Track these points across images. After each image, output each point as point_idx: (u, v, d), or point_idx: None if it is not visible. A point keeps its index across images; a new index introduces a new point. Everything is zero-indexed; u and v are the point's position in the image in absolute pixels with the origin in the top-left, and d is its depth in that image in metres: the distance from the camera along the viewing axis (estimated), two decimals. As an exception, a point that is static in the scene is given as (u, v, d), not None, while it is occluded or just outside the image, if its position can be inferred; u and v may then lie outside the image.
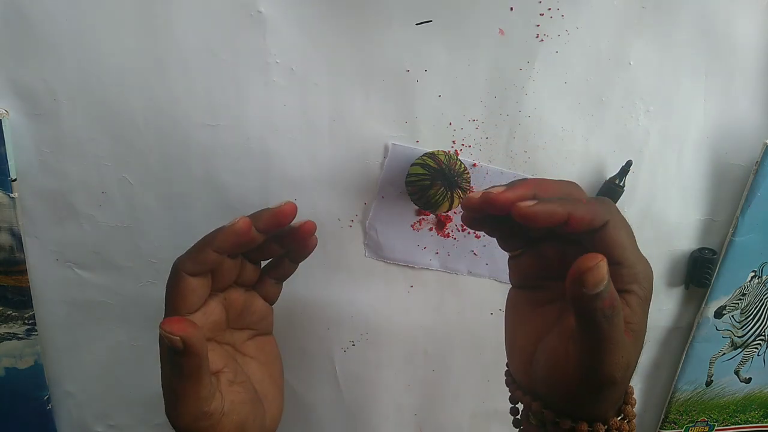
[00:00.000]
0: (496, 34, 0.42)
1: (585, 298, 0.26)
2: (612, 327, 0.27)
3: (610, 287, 0.27)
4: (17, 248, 0.43)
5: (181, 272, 0.35)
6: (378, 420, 0.56)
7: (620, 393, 0.31)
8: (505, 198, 0.30)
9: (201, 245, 0.35)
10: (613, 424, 0.32)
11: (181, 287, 0.35)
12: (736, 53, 0.46)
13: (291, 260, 0.40)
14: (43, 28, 0.37)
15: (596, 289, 0.26)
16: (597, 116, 0.46)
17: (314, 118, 0.43)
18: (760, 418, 0.62)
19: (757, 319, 0.56)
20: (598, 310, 0.27)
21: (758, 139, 0.48)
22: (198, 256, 0.34)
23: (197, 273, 0.35)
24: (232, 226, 0.34)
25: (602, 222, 0.29)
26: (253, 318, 0.40)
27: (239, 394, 0.37)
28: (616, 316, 0.27)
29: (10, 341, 0.46)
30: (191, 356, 0.32)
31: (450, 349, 0.54)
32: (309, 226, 0.38)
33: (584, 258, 0.26)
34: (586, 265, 0.26)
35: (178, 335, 0.31)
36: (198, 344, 0.32)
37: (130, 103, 0.40)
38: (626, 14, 0.43)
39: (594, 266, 0.26)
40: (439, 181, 0.42)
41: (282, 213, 0.35)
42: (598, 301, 0.26)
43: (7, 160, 0.40)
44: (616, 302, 0.27)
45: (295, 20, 0.40)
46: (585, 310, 0.27)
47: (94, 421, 0.52)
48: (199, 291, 0.35)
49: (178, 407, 0.33)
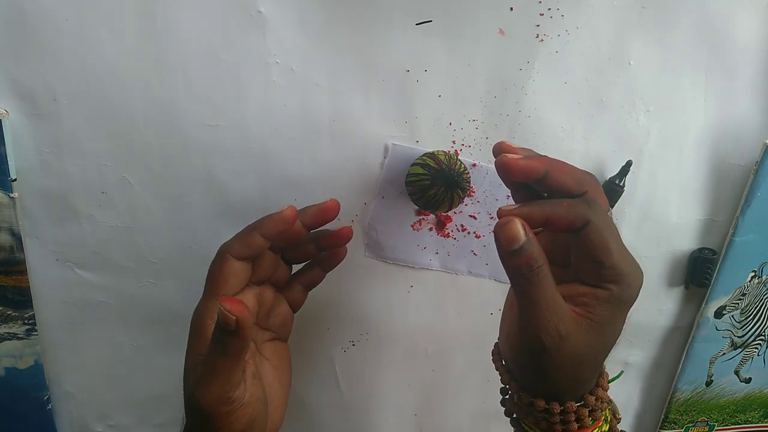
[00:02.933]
0: (496, 34, 0.42)
1: (503, 254, 0.30)
2: (530, 286, 0.30)
3: (529, 248, 0.29)
4: (17, 248, 0.43)
5: (226, 254, 0.37)
6: (378, 420, 0.56)
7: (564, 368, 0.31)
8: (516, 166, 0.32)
9: (249, 229, 0.37)
10: (570, 407, 0.32)
11: (225, 268, 0.36)
12: (736, 53, 0.46)
13: (321, 268, 0.43)
14: (43, 28, 0.37)
15: (510, 247, 0.29)
16: (597, 116, 0.46)
17: (314, 118, 0.43)
18: (760, 418, 0.62)
19: (757, 319, 0.56)
20: (514, 267, 0.30)
21: (758, 139, 0.48)
22: (245, 239, 0.36)
23: (242, 256, 0.37)
24: (281, 213, 0.37)
25: (582, 223, 0.31)
26: (276, 321, 0.41)
27: (258, 389, 0.37)
28: (536, 276, 0.30)
29: (10, 341, 0.46)
30: (239, 338, 0.32)
31: (450, 349, 0.54)
32: (347, 231, 0.41)
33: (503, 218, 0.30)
34: (500, 223, 0.29)
35: (235, 315, 0.31)
36: (248, 327, 0.32)
37: (130, 103, 0.40)
38: (626, 14, 0.43)
39: (505, 224, 0.29)
40: (439, 181, 0.42)
41: (327, 208, 0.39)
42: (514, 258, 0.29)
43: (7, 160, 0.40)
44: (534, 263, 0.29)
45: (295, 20, 0.40)
46: (507, 268, 0.30)
47: (94, 421, 0.52)
48: (241, 275, 0.37)
49: (208, 385, 0.33)
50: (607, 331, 0.32)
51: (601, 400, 0.33)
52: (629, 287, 0.31)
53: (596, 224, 0.31)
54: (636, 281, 0.32)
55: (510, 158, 0.32)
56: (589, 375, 0.32)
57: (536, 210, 0.31)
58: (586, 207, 0.31)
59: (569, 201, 0.31)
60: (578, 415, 0.32)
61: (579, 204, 0.31)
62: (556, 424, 0.33)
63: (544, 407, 0.32)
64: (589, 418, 0.33)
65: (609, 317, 0.31)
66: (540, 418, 0.33)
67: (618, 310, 0.31)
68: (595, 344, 0.31)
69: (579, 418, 0.32)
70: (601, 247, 0.31)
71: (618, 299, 0.31)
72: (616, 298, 0.31)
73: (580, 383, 0.32)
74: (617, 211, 0.49)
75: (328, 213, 0.39)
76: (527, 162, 0.32)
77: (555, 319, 0.30)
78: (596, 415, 0.33)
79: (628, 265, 0.31)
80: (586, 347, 0.31)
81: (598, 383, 0.33)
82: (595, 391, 0.33)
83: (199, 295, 0.47)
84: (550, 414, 0.32)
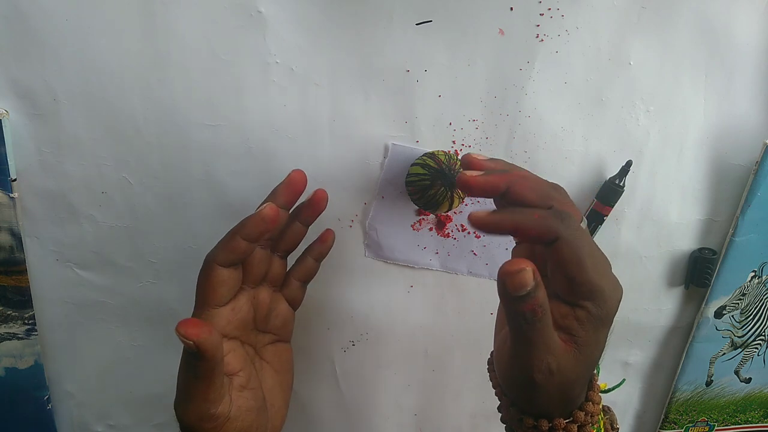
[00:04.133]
0: (496, 34, 0.42)
1: (508, 298, 0.28)
2: (532, 330, 0.29)
3: (536, 294, 0.28)
4: (17, 248, 0.43)
5: (212, 263, 0.35)
6: (378, 420, 0.56)
7: (551, 395, 0.31)
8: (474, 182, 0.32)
9: (231, 234, 0.35)
10: (558, 425, 0.32)
11: (211, 278, 0.35)
12: (736, 53, 0.46)
13: (313, 258, 0.42)
14: (43, 28, 0.37)
15: (517, 293, 0.28)
16: (597, 116, 0.46)
17: (314, 118, 0.43)
18: (760, 418, 0.62)
19: (757, 319, 0.56)
20: (518, 312, 0.29)
21: (758, 139, 0.48)
22: (228, 245, 0.35)
23: (228, 263, 0.35)
24: (259, 213, 0.35)
25: (551, 238, 0.30)
26: (276, 322, 0.41)
27: (248, 400, 0.37)
28: (539, 322, 0.29)
29: (10, 341, 0.46)
30: (204, 360, 0.32)
31: (450, 349, 0.54)
32: (320, 193, 0.40)
33: (511, 262, 0.28)
34: (509, 269, 0.28)
35: (192, 340, 0.31)
36: (212, 349, 0.32)
37: (130, 103, 0.40)
38: (626, 14, 0.43)
39: (516, 271, 0.28)
40: (439, 181, 0.42)
41: (293, 181, 0.37)
42: (519, 303, 0.28)
43: (7, 160, 0.40)
44: (539, 309, 0.29)
45: (295, 20, 0.40)
46: (508, 309, 0.29)
47: (94, 421, 0.52)
48: (230, 283, 0.36)
49: (186, 404, 0.34)
50: (592, 353, 0.31)
51: (591, 414, 0.33)
52: (605, 303, 0.30)
53: (567, 239, 0.30)
54: (612, 297, 0.31)
55: (469, 175, 0.32)
56: (577, 394, 0.32)
57: (506, 218, 0.30)
58: (557, 221, 0.30)
59: (541, 212, 0.31)
60: (566, 430, 0.32)
61: (550, 216, 0.30)
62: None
63: (532, 424, 0.32)
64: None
65: (592, 338, 0.31)
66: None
67: (598, 329, 0.31)
68: (582, 368, 0.31)
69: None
70: (573, 263, 0.30)
71: (596, 317, 0.30)
72: (594, 317, 0.30)
73: (567, 402, 0.32)
74: (617, 211, 0.49)
75: (295, 185, 0.37)
76: (486, 179, 0.32)
77: (548, 357, 0.30)
78: (586, 429, 0.33)
79: (603, 280, 0.31)
80: (574, 373, 0.31)
81: (588, 397, 0.33)
82: (585, 405, 0.33)
83: (199, 295, 0.47)
84: (538, 430, 0.32)
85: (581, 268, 0.30)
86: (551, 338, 0.30)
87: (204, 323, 0.32)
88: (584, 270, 0.30)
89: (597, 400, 0.33)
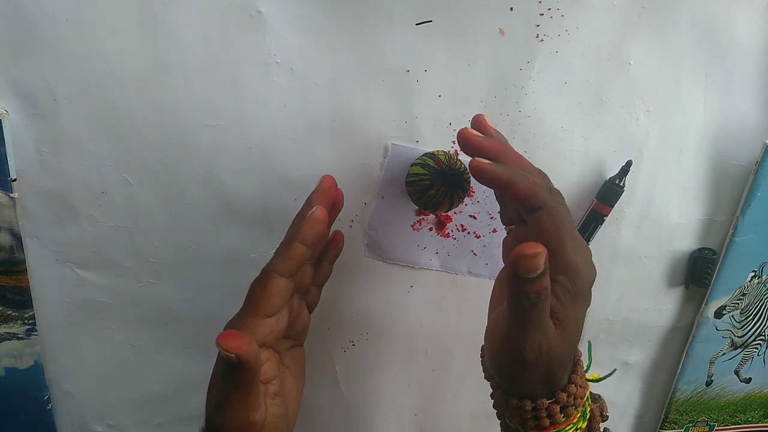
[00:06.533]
0: (496, 34, 0.42)
1: (517, 279, 0.29)
2: (533, 309, 0.30)
3: (543, 277, 0.29)
4: (17, 248, 0.43)
5: (271, 272, 0.35)
6: (378, 420, 0.56)
7: (537, 374, 0.32)
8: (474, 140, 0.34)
9: (288, 242, 0.35)
10: (541, 404, 0.33)
11: (269, 287, 0.35)
12: (736, 53, 0.46)
13: (328, 261, 0.42)
14: (43, 28, 0.37)
15: (528, 275, 0.29)
16: (597, 116, 0.46)
17: (314, 118, 0.43)
18: (760, 418, 0.62)
19: (757, 319, 0.56)
20: (524, 293, 0.29)
21: (758, 139, 0.48)
22: (288, 252, 0.35)
23: (288, 271, 0.35)
24: (313, 216, 0.35)
25: (538, 204, 0.32)
26: (298, 328, 0.41)
27: (279, 407, 0.37)
28: (541, 303, 0.30)
29: (10, 341, 0.46)
30: (245, 370, 0.32)
31: (450, 349, 0.54)
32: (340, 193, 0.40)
33: (527, 245, 0.29)
34: (525, 252, 0.29)
35: (234, 353, 0.31)
36: (252, 360, 0.32)
37: (130, 103, 0.40)
38: (626, 14, 0.43)
39: (532, 255, 0.28)
40: (439, 181, 0.42)
41: (325, 188, 0.37)
42: (527, 284, 0.29)
43: (7, 160, 0.40)
44: (543, 291, 0.29)
45: (295, 20, 0.40)
46: (514, 289, 0.30)
47: (94, 421, 0.52)
48: (285, 294, 0.36)
49: (224, 414, 0.34)
50: (573, 330, 0.32)
51: (574, 396, 0.33)
52: (578, 278, 0.32)
53: (551, 210, 0.32)
54: (586, 275, 0.32)
55: (472, 132, 0.35)
56: (559, 375, 0.33)
57: (504, 171, 0.32)
58: (545, 192, 0.32)
59: (535, 180, 0.33)
60: (549, 412, 0.33)
61: (541, 186, 0.33)
62: (528, 420, 0.34)
63: (516, 404, 0.33)
64: (560, 415, 0.33)
65: (571, 315, 0.32)
66: (514, 414, 0.34)
67: (576, 304, 0.32)
68: (566, 347, 0.32)
69: (550, 414, 0.33)
70: (553, 234, 0.31)
71: (571, 292, 0.32)
72: (569, 291, 0.32)
73: (550, 383, 0.33)
74: (617, 211, 0.49)
75: (329, 191, 0.38)
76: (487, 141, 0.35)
77: (540, 337, 0.31)
78: (569, 411, 0.33)
79: (578, 258, 0.32)
80: (560, 353, 0.32)
81: (571, 379, 0.34)
82: (567, 387, 0.33)
83: (199, 294, 0.47)
84: (522, 411, 0.33)
85: (560, 241, 0.32)
86: (546, 320, 0.31)
87: (244, 335, 0.32)
88: (562, 243, 0.32)
89: (580, 383, 0.34)
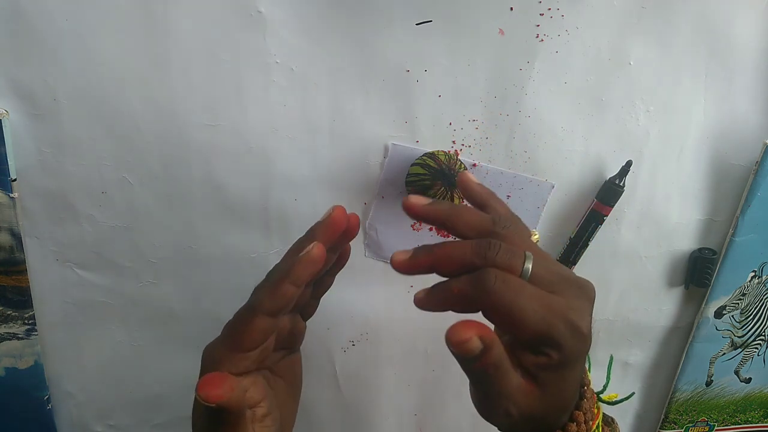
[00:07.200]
0: (496, 34, 0.42)
1: (458, 359, 0.28)
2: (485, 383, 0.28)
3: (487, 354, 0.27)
4: (17, 248, 0.43)
5: (256, 311, 0.32)
6: (378, 420, 0.56)
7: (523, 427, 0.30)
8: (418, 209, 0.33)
9: (278, 280, 0.31)
10: None
11: (252, 326, 0.32)
12: (736, 53, 0.46)
13: (330, 274, 0.39)
14: (43, 28, 0.37)
15: (466, 356, 0.27)
16: (597, 116, 0.46)
17: (314, 118, 0.43)
18: (760, 418, 0.62)
19: (757, 319, 0.56)
20: (469, 370, 0.28)
21: (758, 139, 0.48)
22: (276, 293, 0.31)
23: (275, 312, 0.32)
24: (309, 255, 0.31)
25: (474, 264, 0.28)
26: (292, 339, 0.38)
27: (269, 428, 0.36)
28: (492, 377, 0.28)
29: (10, 341, 0.46)
30: (229, 414, 0.30)
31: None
32: (355, 219, 0.35)
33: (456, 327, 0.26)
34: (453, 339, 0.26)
35: (214, 403, 0.29)
36: (236, 406, 0.30)
37: (130, 103, 0.40)
38: (626, 14, 0.43)
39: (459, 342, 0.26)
40: (439, 181, 0.42)
41: (335, 221, 0.33)
42: (470, 363, 0.27)
43: (7, 160, 0.40)
44: (490, 367, 0.27)
45: (295, 20, 0.40)
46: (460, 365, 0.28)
47: (94, 421, 0.52)
48: (269, 330, 0.33)
49: None
50: (560, 390, 0.30)
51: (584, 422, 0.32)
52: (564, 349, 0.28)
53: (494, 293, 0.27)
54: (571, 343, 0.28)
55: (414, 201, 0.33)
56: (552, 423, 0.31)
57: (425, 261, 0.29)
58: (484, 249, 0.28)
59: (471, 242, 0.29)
60: None
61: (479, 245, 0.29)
62: None
63: None
64: None
65: (556, 380, 0.29)
66: None
67: (562, 371, 0.29)
68: (551, 402, 0.30)
69: None
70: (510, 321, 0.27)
71: (557, 363, 0.29)
72: (555, 362, 0.29)
73: (545, 428, 0.31)
74: (617, 211, 0.49)
75: (338, 225, 0.33)
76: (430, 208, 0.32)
77: (506, 403, 0.29)
78: None
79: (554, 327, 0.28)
80: (540, 411, 0.30)
81: (573, 417, 0.32)
82: (568, 426, 0.32)
83: (199, 295, 0.47)
84: None
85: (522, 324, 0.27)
86: (507, 385, 0.28)
87: (225, 380, 0.30)
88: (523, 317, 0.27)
89: (583, 419, 0.32)
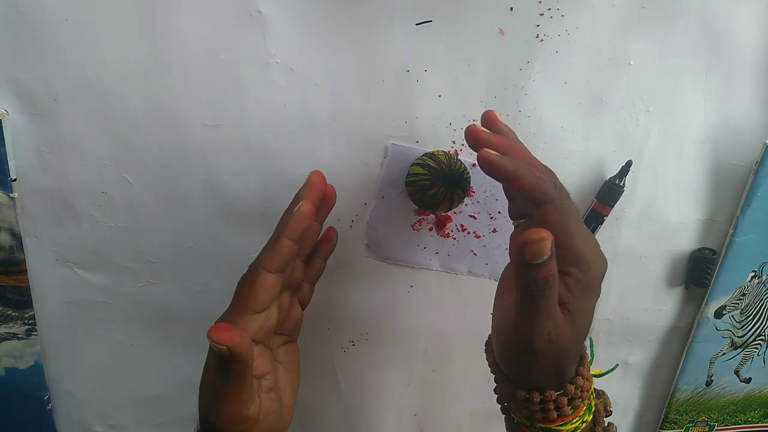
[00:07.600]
0: (496, 34, 0.42)
1: (524, 265, 0.29)
2: (541, 296, 0.30)
3: (549, 263, 0.29)
4: (17, 248, 0.43)
5: (258, 268, 0.35)
6: (378, 420, 0.56)
7: (546, 364, 0.32)
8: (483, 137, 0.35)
9: (275, 237, 0.35)
10: (549, 396, 0.33)
11: (257, 284, 0.35)
12: (736, 53, 0.46)
13: (320, 257, 0.42)
14: (43, 28, 0.37)
15: (534, 261, 0.29)
16: (597, 116, 0.46)
17: (314, 118, 0.43)
18: (760, 418, 0.62)
19: (757, 319, 0.56)
20: (531, 279, 0.29)
21: (758, 139, 0.48)
22: (275, 248, 0.35)
23: (276, 267, 0.35)
24: (300, 210, 0.35)
25: (543, 198, 0.32)
26: (290, 324, 0.41)
27: (273, 402, 0.37)
28: (549, 289, 0.30)
29: (10, 341, 0.46)
30: (237, 362, 0.32)
31: (450, 349, 0.54)
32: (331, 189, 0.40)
33: (532, 230, 0.29)
34: (530, 237, 0.29)
35: (225, 345, 0.31)
36: (244, 352, 0.32)
37: (130, 103, 0.40)
38: (626, 14, 0.43)
39: (537, 240, 0.29)
40: (439, 181, 0.42)
41: (313, 184, 0.37)
42: (534, 270, 0.29)
43: (7, 160, 0.40)
44: (551, 277, 0.29)
45: (295, 20, 0.40)
46: (522, 276, 0.30)
47: (94, 421, 0.52)
48: (273, 290, 0.36)
49: (219, 409, 0.34)
50: (583, 322, 0.32)
51: (581, 389, 0.33)
52: (590, 269, 0.32)
53: (556, 203, 0.32)
54: (597, 264, 0.32)
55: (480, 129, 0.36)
56: (568, 366, 0.33)
57: (511, 164, 0.33)
58: (551, 187, 0.33)
59: (542, 174, 0.33)
60: (557, 404, 0.33)
61: (546, 182, 0.33)
62: (536, 413, 0.33)
63: (525, 397, 0.33)
64: (568, 407, 0.33)
65: (582, 306, 0.32)
66: (522, 406, 0.34)
67: (586, 296, 0.32)
68: (576, 338, 0.32)
69: (558, 406, 0.33)
70: (560, 228, 0.32)
71: (582, 283, 0.32)
72: (581, 283, 0.32)
73: (559, 374, 0.33)
74: (617, 211, 0.49)
75: (318, 186, 0.38)
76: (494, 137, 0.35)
77: (550, 325, 0.31)
78: (576, 404, 0.33)
79: (587, 248, 0.32)
80: (569, 343, 0.32)
81: (578, 372, 0.34)
82: (575, 380, 0.33)
83: (198, 294, 0.47)
84: (530, 403, 0.33)
85: (567, 234, 0.32)
86: (555, 308, 0.31)
87: (235, 327, 0.32)
88: (570, 235, 0.32)
89: (587, 375, 0.34)
